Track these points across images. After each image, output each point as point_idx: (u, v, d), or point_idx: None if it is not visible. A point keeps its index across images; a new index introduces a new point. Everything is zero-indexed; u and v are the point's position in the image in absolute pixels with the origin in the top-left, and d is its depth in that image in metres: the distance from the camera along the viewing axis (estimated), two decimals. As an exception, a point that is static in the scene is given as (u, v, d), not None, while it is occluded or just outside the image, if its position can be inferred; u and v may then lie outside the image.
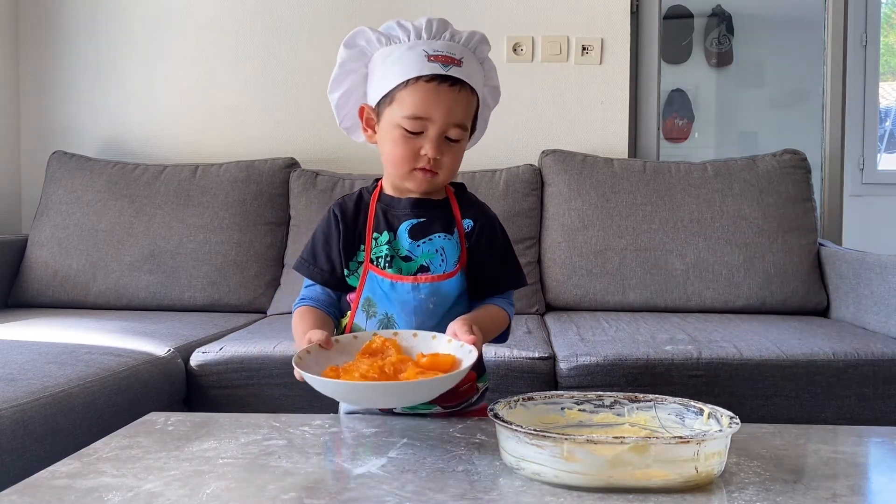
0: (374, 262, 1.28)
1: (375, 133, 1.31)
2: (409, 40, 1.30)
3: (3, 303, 2.55)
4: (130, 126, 2.90)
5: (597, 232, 2.45)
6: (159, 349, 1.87)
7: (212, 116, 2.87)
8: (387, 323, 1.27)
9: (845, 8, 2.95)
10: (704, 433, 0.96)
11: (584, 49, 2.76)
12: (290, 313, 2.47)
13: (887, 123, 4.83)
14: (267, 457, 1.04)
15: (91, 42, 2.90)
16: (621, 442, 0.91)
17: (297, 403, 1.84)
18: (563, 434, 0.94)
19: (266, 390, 1.86)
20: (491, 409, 1.02)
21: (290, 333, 1.96)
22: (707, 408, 1.05)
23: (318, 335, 1.17)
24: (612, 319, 2.21)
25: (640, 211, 2.46)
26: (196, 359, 1.89)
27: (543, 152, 2.62)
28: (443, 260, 1.28)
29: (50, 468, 0.99)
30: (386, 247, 1.28)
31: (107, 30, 2.89)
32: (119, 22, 2.89)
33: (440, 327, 1.22)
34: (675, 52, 4.29)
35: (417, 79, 1.24)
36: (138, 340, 1.91)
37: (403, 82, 1.25)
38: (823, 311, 2.38)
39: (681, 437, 0.93)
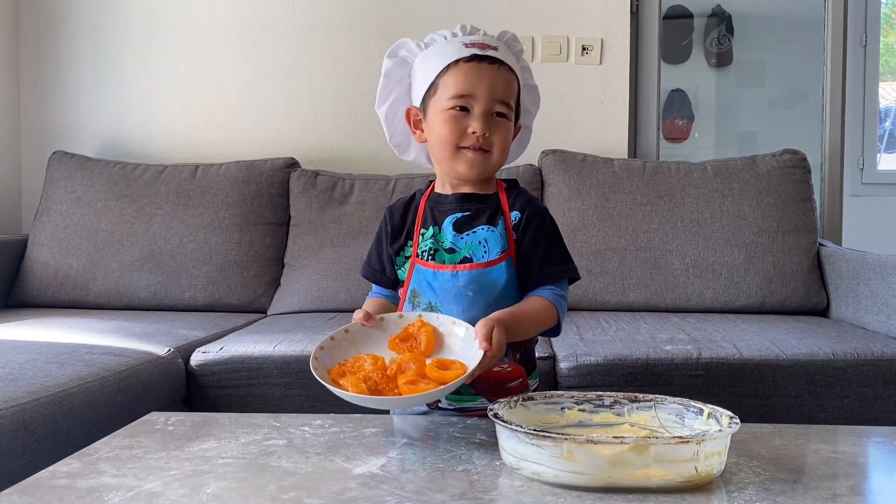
0: (420, 256, 1.32)
1: (423, 131, 1.35)
2: (446, 39, 1.34)
3: (3, 303, 2.55)
4: (130, 126, 2.90)
5: (597, 232, 2.45)
6: (159, 349, 1.87)
7: (212, 116, 2.87)
8: (430, 310, 1.30)
9: (845, 8, 2.95)
10: (704, 433, 0.96)
11: (583, 49, 2.76)
12: (290, 313, 2.48)
13: (887, 123, 4.82)
14: (267, 457, 1.04)
15: (91, 42, 2.90)
16: (621, 442, 0.91)
17: (297, 403, 1.84)
18: (563, 434, 0.94)
19: (266, 390, 1.86)
20: (491, 409, 1.02)
21: (290, 334, 1.97)
22: (707, 408, 1.05)
23: (360, 313, 1.24)
24: (612, 319, 2.21)
25: (640, 211, 2.46)
26: (196, 359, 1.89)
27: (543, 152, 2.62)
28: (485, 251, 1.30)
29: (50, 468, 0.99)
30: (431, 240, 1.32)
31: (107, 30, 2.89)
32: (119, 22, 2.89)
33: (484, 316, 1.21)
34: (675, 52, 4.29)
35: (457, 62, 1.29)
36: (138, 340, 1.91)
37: (444, 68, 1.29)
38: (823, 311, 2.38)
39: (681, 437, 0.93)
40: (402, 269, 1.35)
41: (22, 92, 2.93)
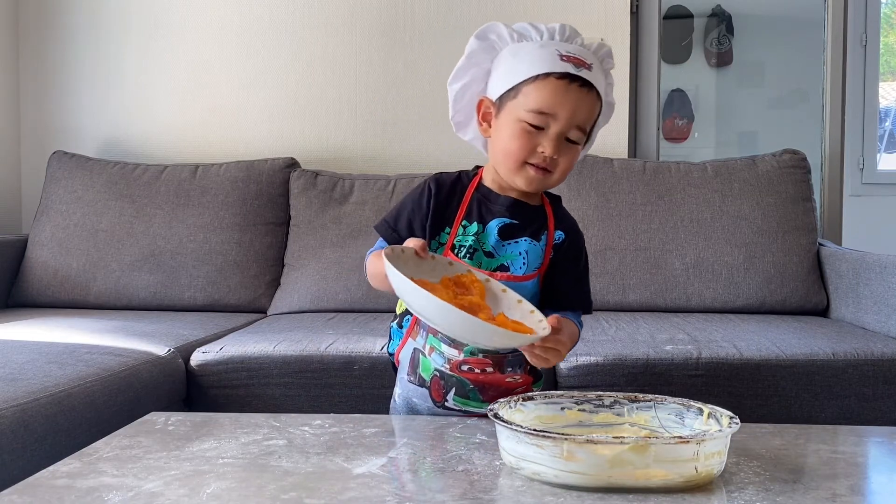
0: (455, 250, 1.28)
1: (490, 127, 1.31)
2: (541, 39, 1.30)
3: (3, 303, 2.55)
4: (130, 126, 2.90)
5: (597, 232, 2.45)
6: (159, 349, 1.87)
7: (212, 116, 2.87)
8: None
9: (845, 8, 2.95)
10: (704, 433, 0.96)
11: (584, 49, 2.76)
12: (290, 313, 2.47)
13: (887, 123, 4.82)
14: (267, 457, 1.04)
15: (91, 42, 2.90)
16: (621, 442, 0.91)
17: (297, 403, 1.85)
18: (563, 434, 0.94)
19: (266, 390, 1.86)
20: (491, 409, 1.02)
21: (290, 334, 1.97)
22: (707, 408, 1.05)
23: (415, 241, 1.18)
24: (612, 319, 2.21)
25: (640, 211, 2.46)
26: (196, 359, 1.89)
27: (543, 152, 2.61)
28: (524, 263, 1.29)
29: (50, 468, 0.99)
30: (472, 238, 1.29)
31: (107, 30, 2.89)
32: (119, 22, 2.89)
33: None
34: (675, 52, 4.29)
35: (548, 75, 1.24)
36: (138, 340, 1.91)
37: (532, 77, 1.25)
38: (823, 311, 2.38)
39: (681, 437, 0.93)
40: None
41: (22, 92, 2.93)
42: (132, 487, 0.92)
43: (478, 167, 1.38)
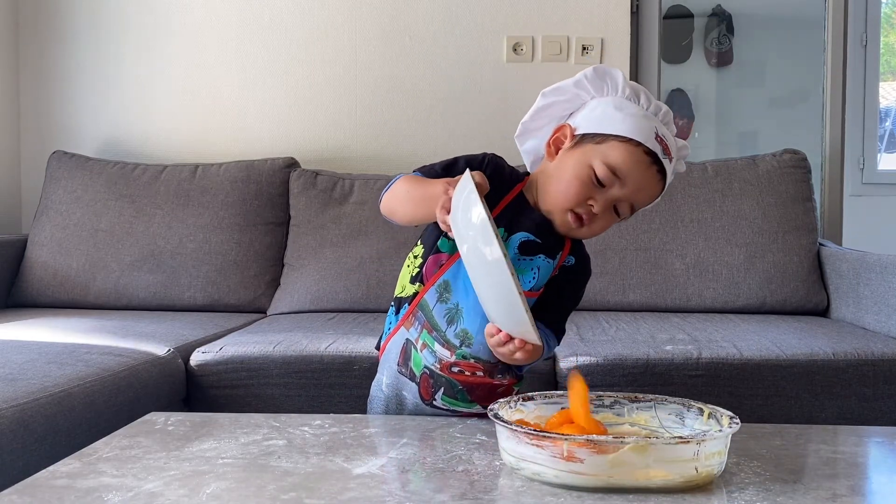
0: None
1: (556, 154, 1.31)
2: (646, 109, 1.30)
3: (3, 303, 2.55)
4: (130, 126, 2.90)
5: (597, 232, 2.44)
6: (159, 349, 1.87)
7: (212, 116, 2.87)
8: (454, 314, 1.29)
9: (845, 8, 2.95)
10: (704, 433, 0.96)
11: (584, 49, 2.76)
12: (290, 313, 2.47)
13: (887, 123, 4.82)
14: (267, 457, 1.04)
15: (91, 42, 2.90)
16: (621, 442, 0.91)
17: (297, 403, 1.84)
18: (563, 434, 0.94)
19: (266, 390, 1.85)
20: (491, 409, 1.02)
21: (290, 334, 1.97)
22: (707, 408, 1.05)
23: (481, 176, 1.17)
24: (612, 319, 2.21)
25: (640, 211, 2.46)
26: (196, 359, 1.89)
27: (543, 152, 2.61)
28: (534, 278, 1.30)
29: (50, 468, 0.99)
30: None
31: (107, 30, 2.89)
32: (119, 22, 2.89)
33: None
34: (675, 52, 4.29)
35: (639, 144, 1.25)
36: (138, 340, 1.91)
37: (626, 137, 1.26)
38: (823, 311, 2.38)
39: (681, 437, 0.93)
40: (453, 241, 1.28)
41: (22, 92, 2.93)
42: (132, 488, 0.92)
43: (526, 173, 1.39)
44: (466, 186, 1.10)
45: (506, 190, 1.34)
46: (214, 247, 2.52)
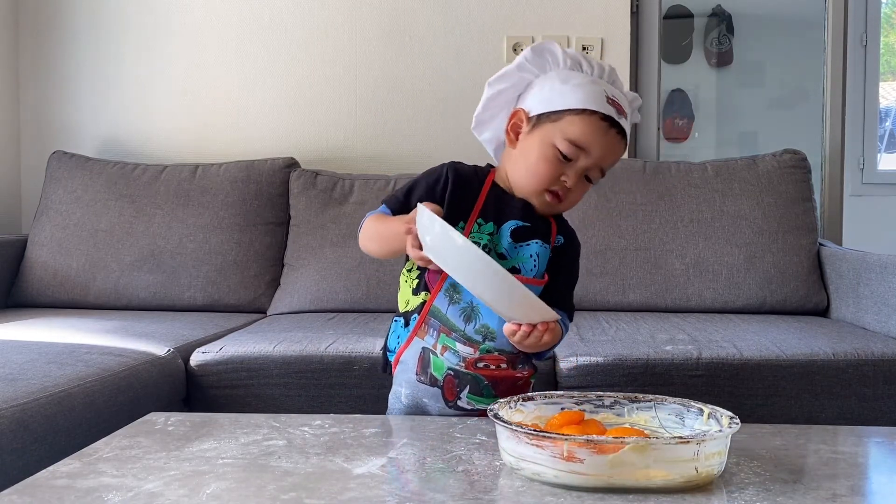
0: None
1: (517, 139, 1.34)
2: (591, 74, 1.33)
3: (3, 303, 2.55)
4: (130, 126, 2.90)
5: (597, 232, 2.44)
6: (159, 349, 1.87)
7: (212, 116, 2.87)
8: (470, 312, 1.31)
9: (845, 8, 2.95)
10: (704, 433, 0.96)
11: (584, 49, 2.76)
12: (290, 313, 2.47)
13: (887, 123, 4.82)
14: (267, 457, 1.04)
15: (91, 42, 2.90)
16: (621, 442, 0.91)
17: (297, 403, 1.84)
18: (563, 434, 0.94)
19: (266, 390, 1.85)
20: (491, 409, 1.02)
21: (290, 334, 1.97)
22: (707, 408, 1.05)
23: (433, 205, 1.21)
24: (612, 319, 2.21)
25: (640, 211, 2.46)
26: (196, 359, 1.89)
27: (543, 152, 2.61)
28: (534, 265, 1.33)
29: (50, 468, 0.99)
30: (487, 237, 1.32)
31: (107, 30, 2.89)
32: (119, 22, 2.89)
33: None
34: (675, 52, 4.29)
35: (594, 112, 1.28)
36: (138, 340, 1.91)
37: (580, 109, 1.28)
38: (823, 311, 2.38)
39: (681, 437, 0.93)
40: None
41: (22, 92, 2.93)
42: (132, 488, 0.92)
43: (490, 166, 1.41)
44: (423, 216, 1.12)
45: (477, 188, 1.36)
46: (214, 247, 2.52)
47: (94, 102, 2.91)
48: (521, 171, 1.33)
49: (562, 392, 1.15)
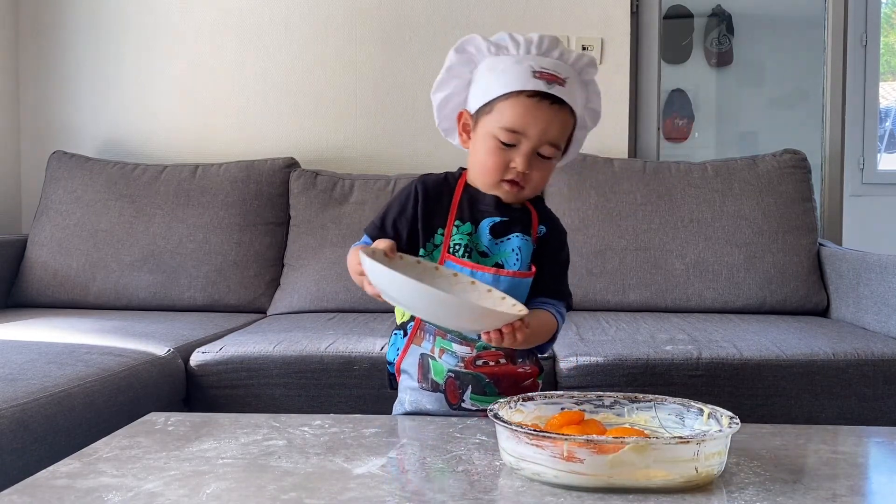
0: (452, 251, 1.31)
1: (469, 138, 1.35)
2: (518, 53, 1.30)
3: (2, 303, 2.55)
4: (130, 126, 2.90)
5: (597, 232, 2.45)
6: (159, 349, 1.87)
7: (212, 116, 2.87)
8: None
9: (845, 8, 2.95)
10: (704, 433, 0.96)
11: (584, 49, 2.76)
12: (290, 313, 2.47)
13: (887, 123, 4.82)
14: (267, 457, 1.04)
15: (91, 42, 2.90)
16: (621, 442, 0.91)
17: (297, 403, 1.84)
18: (563, 434, 0.94)
19: (266, 390, 1.85)
20: (491, 409, 1.02)
21: (290, 334, 1.97)
22: (707, 408, 1.05)
23: (384, 243, 1.21)
24: (612, 319, 2.21)
25: (640, 211, 2.46)
26: (196, 359, 1.89)
27: (543, 152, 2.61)
28: (517, 259, 1.32)
29: (50, 468, 0.99)
30: (466, 237, 1.32)
31: (107, 30, 2.89)
32: (119, 22, 2.89)
33: None
34: (675, 52, 4.29)
35: (519, 93, 1.26)
36: (138, 340, 1.91)
37: (505, 94, 1.27)
38: (823, 311, 2.38)
39: (681, 437, 0.93)
40: (430, 257, 1.32)
41: (22, 92, 2.93)
42: (132, 488, 0.92)
43: (462, 168, 1.41)
44: (362, 259, 1.13)
45: (450, 193, 1.36)
46: (214, 247, 2.52)
47: (94, 102, 2.91)
48: (477, 168, 1.33)
49: (562, 392, 1.15)
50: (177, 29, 2.87)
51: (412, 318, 1.35)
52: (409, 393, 1.36)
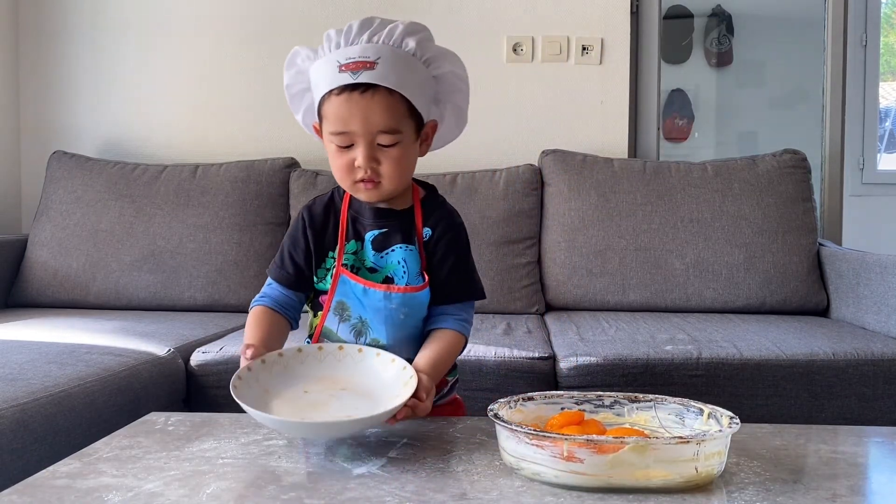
0: (347, 269, 1.26)
1: None
2: (329, 51, 1.24)
3: (3, 303, 2.55)
4: (130, 126, 2.90)
5: (597, 232, 2.45)
6: (159, 349, 1.87)
7: (212, 116, 2.87)
8: (360, 327, 1.26)
9: (845, 8, 2.95)
10: (704, 433, 0.96)
11: (583, 49, 2.76)
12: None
13: (887, 123, 4.82)
14: (267, 457, 1.04)
15: (91, 42, 2.90)
16: (621, 442, 0.91)
17: (297, 403, 1.84)
18: (563, 434, 0.94)
19: (266, 390, 1.85)
20: (491, 409, 1.02)
21: (289, 335, 1.96)
22: (707, 408, 1.05)
23: (250, 353, 1.21)
24: (612, 319, 2.21)
25: (640, 211, 2.46)
26: (196, 359, 1.89)
27: (543, 152, 2.62)
28: (405, 272, 1.25)
29: (50, 468, 0.99)
30: (353, 256, 1.27)
31: (107, 30, 2.89)
32: (119, 22, 2.89)
33: (413, 338, 1.25)
34: (675, 52, 4.29)
35: (330, 93, 1.20)
36: (138, 340, 1.91)
37: (322, 98, 1.22)
38: (823, 311, 2.38)
39: (681, 437, 0.93)
40: (324, 281, 1.28)
41: (22, 92, 2.93)
42: (132, 488, 0.92)
43: None
44: (250, 412, 1.10)
45: (335, 216, 1.30)
46: (214, 247, 2.52)
47: (94, 102, 2.91)
48: (335, 176, 1.27)
49: (562, 392, 1.15)
50: (177, 29, 2.87)
51: (311, 335, 1.31)
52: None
